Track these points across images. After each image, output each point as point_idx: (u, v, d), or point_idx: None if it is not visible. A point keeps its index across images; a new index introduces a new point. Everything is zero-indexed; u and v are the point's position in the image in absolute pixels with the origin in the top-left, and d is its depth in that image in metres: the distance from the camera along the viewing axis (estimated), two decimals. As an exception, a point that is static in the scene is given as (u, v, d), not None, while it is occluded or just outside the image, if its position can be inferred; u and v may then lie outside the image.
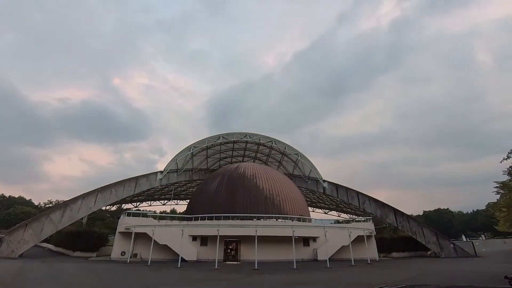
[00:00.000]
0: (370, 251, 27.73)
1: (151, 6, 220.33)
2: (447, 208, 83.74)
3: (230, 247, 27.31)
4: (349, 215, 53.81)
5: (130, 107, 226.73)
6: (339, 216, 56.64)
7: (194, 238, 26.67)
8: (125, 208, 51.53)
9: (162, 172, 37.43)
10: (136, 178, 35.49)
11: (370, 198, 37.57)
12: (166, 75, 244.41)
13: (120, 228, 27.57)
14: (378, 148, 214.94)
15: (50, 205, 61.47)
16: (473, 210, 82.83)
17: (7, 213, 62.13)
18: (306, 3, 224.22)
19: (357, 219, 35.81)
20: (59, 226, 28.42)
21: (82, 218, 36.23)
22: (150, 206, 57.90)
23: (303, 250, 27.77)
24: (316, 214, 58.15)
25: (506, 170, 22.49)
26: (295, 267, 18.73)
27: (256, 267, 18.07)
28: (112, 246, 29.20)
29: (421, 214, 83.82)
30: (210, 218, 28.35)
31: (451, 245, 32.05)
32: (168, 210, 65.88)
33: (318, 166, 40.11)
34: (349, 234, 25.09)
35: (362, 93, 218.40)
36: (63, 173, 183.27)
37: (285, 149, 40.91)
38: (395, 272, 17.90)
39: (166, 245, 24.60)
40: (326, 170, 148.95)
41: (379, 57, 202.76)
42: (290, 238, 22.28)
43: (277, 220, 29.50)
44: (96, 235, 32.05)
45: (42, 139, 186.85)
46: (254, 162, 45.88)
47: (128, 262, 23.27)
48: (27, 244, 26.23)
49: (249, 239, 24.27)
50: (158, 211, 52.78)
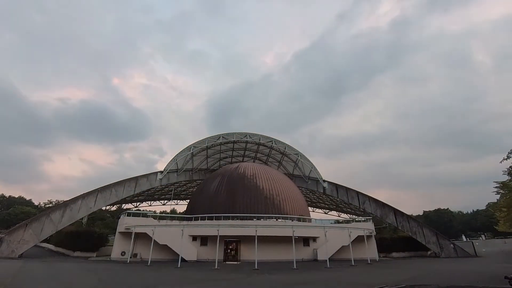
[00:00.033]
0: (370, 251, 27.76)
1: (151, 6, 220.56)
2: (447, 208, 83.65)
3: (230, 247, 27.32)
4: (349, 215, 53.85)
5: (130, 107, 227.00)
6: (339, 216, 56.67)
7: (194, 238, 26.68)
8: (125, 208, 51.60)
9: (162, 172, 37.48)
10: (136, 178, 35.54)
11: (370, 198, 37.60)
12: (166, 75, 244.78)
13: (120, 228, 27.59)
14: (378, 148, 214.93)
15: (50, 205, 61.45)
16: (473, 210, 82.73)
17: (7, 213, 62.02)
18: (306, 3, 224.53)
19: (357, 219, 35.84)
20: (59, 226, 28.47)
21: (82, 218, 36.26)
22: (150, 206, 57.99)
23: (303, 250, 27.79)
24: (316, 214, 58.30)
25: (506, 170, 22.43)
26: (295, 267, 18.73)
27: (256, 267, 18.07)
28: (112, 246, 29.23)
29: (421, 214, 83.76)
30: (210, 218, 28.36)
31: (451, 245, 32.07)
32: (168, 210, 65.94)
33: (318, 166, 40.22)
34: (349, 234, 25.09)
35: (362, 93, 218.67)
36: (63, 173, 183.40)
37: (285, 149, 40.94)
38: (395, 272, 17.89)
39: (166, 245, 24.61)
40: (326, 170, 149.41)
41: (379, 57, 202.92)
42: (290, 238, 22.29)
43: (277, 220, 29.52)
44: (96, 235, 32.11)
45: (42, 139, 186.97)
46: (254, 162, 45.91)
47: (128, 262, 23.28)
48: (27, 244, 26.27)
49: (249, 239, 24.28)
50: (158, 211, 52.92)
